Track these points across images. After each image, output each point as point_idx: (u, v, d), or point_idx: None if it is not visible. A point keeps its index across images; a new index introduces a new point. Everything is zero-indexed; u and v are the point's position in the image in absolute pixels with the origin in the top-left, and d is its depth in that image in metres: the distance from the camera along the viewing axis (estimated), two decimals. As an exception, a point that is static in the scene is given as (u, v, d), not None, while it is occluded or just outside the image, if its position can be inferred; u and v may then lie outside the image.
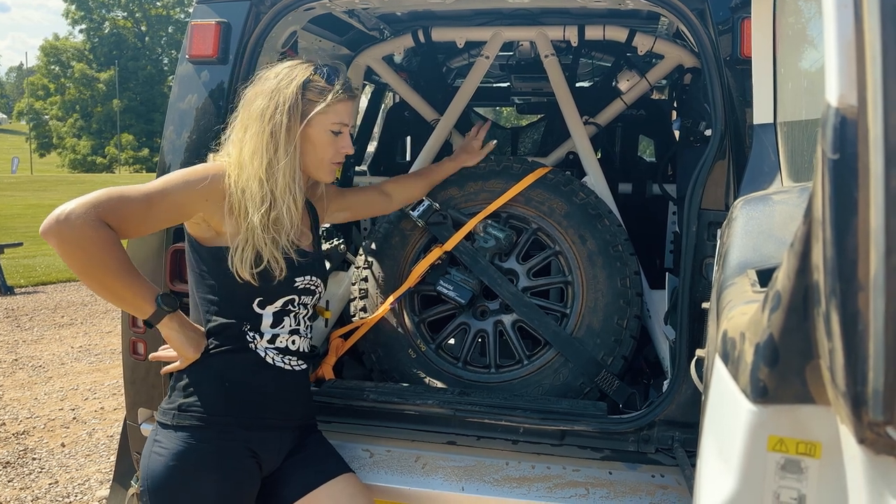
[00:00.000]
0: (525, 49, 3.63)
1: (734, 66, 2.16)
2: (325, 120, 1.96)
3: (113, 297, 1.82)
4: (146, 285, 1.83)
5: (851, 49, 0.69)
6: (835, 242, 0.69)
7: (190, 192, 1.85)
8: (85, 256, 1.71)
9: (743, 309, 0.98)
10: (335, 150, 2.01)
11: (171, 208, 1.84)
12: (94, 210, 1.70)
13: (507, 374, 2.61)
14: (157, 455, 1.88)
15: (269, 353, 1.98)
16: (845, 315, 0.68)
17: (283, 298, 1.99)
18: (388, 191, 2.57)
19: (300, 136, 1.93)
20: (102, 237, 1.70)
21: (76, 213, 1.68)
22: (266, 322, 1.97)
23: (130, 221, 1.78)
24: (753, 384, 0.84)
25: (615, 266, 2.56)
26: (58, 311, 8.54)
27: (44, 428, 4.88)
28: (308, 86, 1.95)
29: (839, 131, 0.69)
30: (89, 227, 1.68)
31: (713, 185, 2.18)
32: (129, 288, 1.79)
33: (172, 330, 1.87)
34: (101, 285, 1.77)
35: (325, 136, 1.98)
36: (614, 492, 2.15)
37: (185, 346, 1.90)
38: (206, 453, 1.88)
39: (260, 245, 1.86)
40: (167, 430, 1.91)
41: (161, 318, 1.84)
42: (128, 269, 1.79)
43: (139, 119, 59.80)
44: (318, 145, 1.98)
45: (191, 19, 2.48)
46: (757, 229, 1.32)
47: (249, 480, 1.95)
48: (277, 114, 1.90)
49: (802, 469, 0.83)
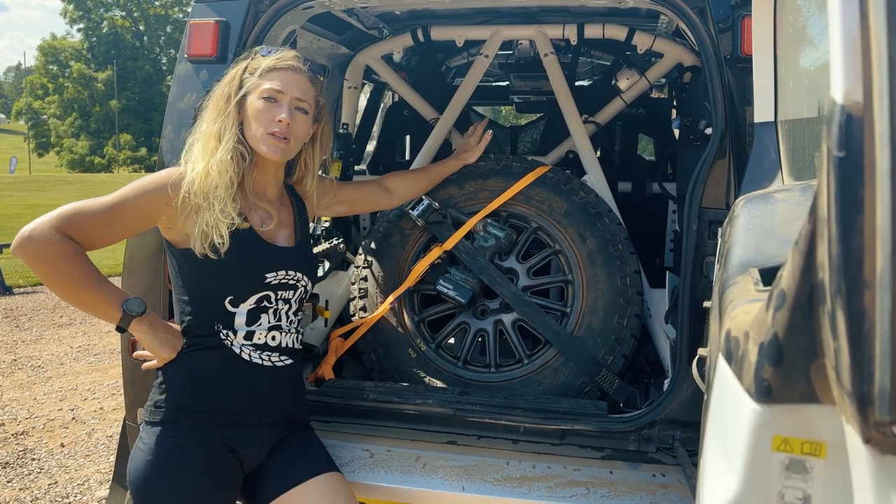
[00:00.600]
0: (524, 48, 3.62)
1: (735, 65, 2.16)
2: (258, 86, 1.98)
3: (81, 305, 1.90)
4: (112, 292, 1.88)
5: (857, 44, 0.68)
6: (840, 241, 0.68)
7: (148, 198, 1.91)
8: (49, 269, 1.80)
9: (746, 308, 0.98)
10: (269, 119, 1.96)
11: (132, 215, 1.91)
12: (56, 226, 1.79)
13: (508, 374, 2.61)
14: (138, 450, 1.93)
15: (245, 349, 1.99)
16: (851, 314, 0.67)
17: (256, 295, 2.00)
18: (389, 186, 2.56)
19: (239, 108, 1.99)
20: (65, 250, 1.79)
21: (38, 230, 1.77)
22: (239, 320, 1.99)
23: (93, 232, 1.85)
24: (758, 383, 0.83)
25: (615, 265, 2.55)
26: (56, 310, 8.53)
27: (43, 428, 4.87)
28: (250, 63, 2.03)
29: (845, 128, 0.68)
30: (50, 242, 1.77)
31: (714, 184, 2.18)
32: (94, 296, 1.85)
33: (143, 333, 1.92)
34: (68, 295, 1.86)
35: (258, 103, 1.97)
36: (615, 491, 2.15)
37: (158, 347, 1.94)
38: (178, 449, 1.92)
39: (204, 212, 1.89)
40: (147, 427, 1.96)
41: (129, 322, 1.89)
42: (91, 278, 1.85)
43: (138, 119, 59.72)
44: (253, 115, 1.98)
45: (189, 18, 2.47)
46: (759, 228, 1.31)
47: (228, 476, 1.96)
48: (217, 93, 2.01)
49: (807, 469, 0.83)
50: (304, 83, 2.03)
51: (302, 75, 2.03)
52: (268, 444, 2.04)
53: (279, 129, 1.97)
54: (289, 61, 2.01)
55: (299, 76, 2.02)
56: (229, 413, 1.97)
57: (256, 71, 1.99)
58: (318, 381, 2.54)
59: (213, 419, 1.95)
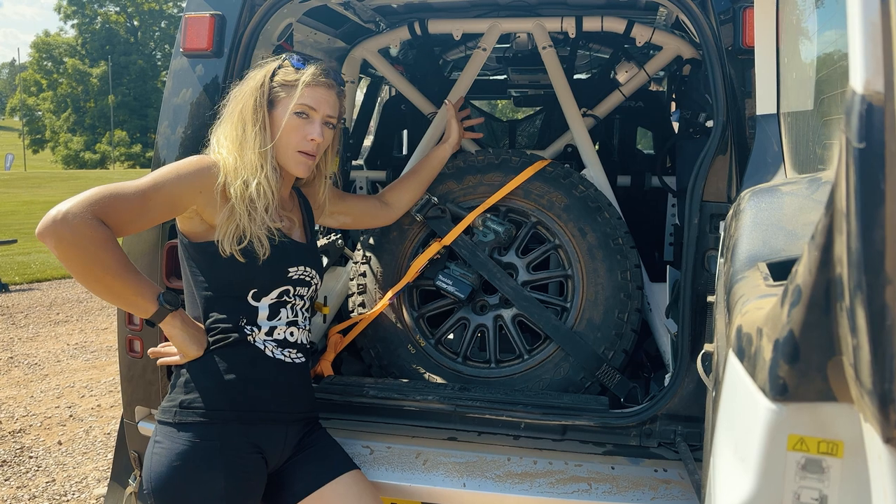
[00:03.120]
0: (522, 41, 3.60)
1: (736, 57, 2.14)
2: (288, 102, 1.95)
3: (114, 297, 1.80)
4: (147, 283, 1.81)
5: (877, 33, 0.66)
6: (861, 235, 0.66)
7: (183, 185, 1.84)
8: (84, 256, 1.67)
9: (758, 303, 0.96)
10: (301, 137, 1.96)
11: (166, 202, 1.82)
12: (91, 208, 1.67)
13: (508, 369, 2.59)
14: (159, 455, 1.86)
15: (268, 345, 1.97)
16: (872, 310, 0.66)
17: (279, 289, 1.98)
18: (387, 201, 2.57)
19: (270, 119, 1.96)
20: (101, 236, 1.67)
21: (73, 213, 1.65)
22: (262, 314, 1.97)
23: (126, 218, 1.75)
24: (773, 381, 0.81)
25: (615, 259, 2.54)
26: (53, 308, 8.50)
27: (40, 426, 4.85)
28: (277, 71, 1.99)
29: (865, 119, 0.66)
30: (87, 225, 1.65)
31: (715, 177, 2.16)
32: (130, 287, 1.76)
33: (175, 328, 1.86)
34: (101, 285, 1.74)
35: (290, 119, 1.95)
36: (617, 486, 2.13)
37: (188, 344, 1.88)
38: (210, 450, 1.86)
39: (241, 221, 1.86)
40: (168, 428, 1.88)
41: (164, 316, 1.83)
42: (128, 268, 1.76)
43: (132, 115, 59.56)
44: (284, 129, 1.95)
45: (185, 12, 2.45)
46: (766, 221, 1.29)
47: (256, 475, 1.93)
48: (246, 96, 1.96)
49: (824, 469, 0.81)
50: (334, 99, 2.02)
51: (333, 91, 2.02)
52: (291, 441, 2.02)
53: (310, 149, 1.98)
54: (323, 78, 1.99)
55: (331, 92, 2.01)
56: (257, 411, 1.94)
57: (290, 85, 1.96)
58: (317, 378, 2.52)
59: (242, 418, 1.91)
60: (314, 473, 2.02)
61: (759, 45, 1.88)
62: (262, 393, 1.95)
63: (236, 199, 1.85)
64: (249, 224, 1.86)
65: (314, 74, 1.97)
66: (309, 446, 2.07)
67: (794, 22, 1.79)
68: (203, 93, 2.40)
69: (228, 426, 1.89)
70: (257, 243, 1.88)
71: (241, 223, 1.86)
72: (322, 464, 2.05)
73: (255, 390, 1.94)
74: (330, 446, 2.12)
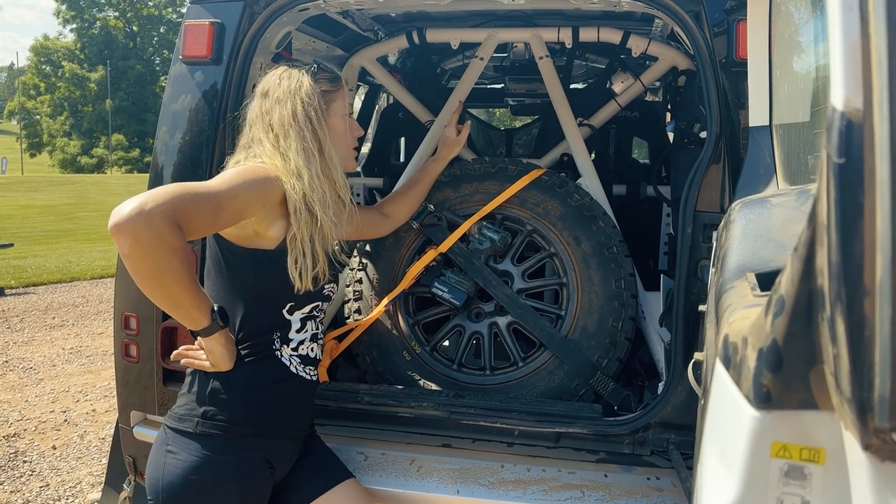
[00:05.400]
0: (519, 50, 3.62)
1: (729, 69, 2.16)
2: (338, 107, 2.04)
3: (172, 306, 1.72)
4: (205, 297, 1.77)
5: (857, 51, 0.68)
6: (840, 247, 0.68)
7: (253, 195, 1.77)
8: (158, 261, 1.57)
9: (744, 313, 0.98)
10: (352, 134, 2.09)
11: (237, 210, 1.75)
12: (174, 209, 1.57)
13: (502, 377, 2.61)
14: (173, 466, 1.82)
15: (293, 361, 1.97)
16: (851, 320, 0.67)
17: (312, 304, 1.98)
18: (386, 212, 2.58)
19: (329, 127, 1.99)
20: (178, 242, 1.58)
21: (157, 213, 1.54)
22: (294, 328, 1.96)
23: (199, 224, 1.67)
24: (756, 389, 0.83)
25: (610, 268, 2.55)
26: (49, 312, 8.49)
27: (35, 430, 4.84)
28: (317, 80, 1.99)
29: (845, 135, 0.68)
30: (168, 229, 1.55)
31: (708, 188, 2.18)
32: (191, 298, 1.70)
33: (219, 344, 1.82)
34: (165, 292, 1.66)
35: (342, 121, 2.05)
36: (610, 494, 2.15)
37: (225, 360, 1.85)
38: (229, 465, 1.85)
39: (318, 248, 1.86)
40: (184, 438, 1.85)
41: (213, 332, 1.78)
42: (193, 278, 1.69)
43: (130, 119, 59.56)
44: (340, 132, 2.04)
45: (184, 19, 2.47)
46: (755, 232, 1.31)
47: (266, 489, 1.94)
48: (309, 111, 1.92)
49: (806, 475, 0.82)
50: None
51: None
52: (296, 454, 2.04)
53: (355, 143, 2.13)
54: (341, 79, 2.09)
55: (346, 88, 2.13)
56: (275, 427, 1.94)
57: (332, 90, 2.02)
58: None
59: (261, 433, 1.90)
60: (311, 484, 2.03)
61: (752, 57, 1.91)
62: (285, 411, 1.96)
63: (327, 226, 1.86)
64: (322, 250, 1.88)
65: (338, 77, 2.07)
66: (306, 456, 2.07)
67: (786, 35, 1.81)
68: (202, 99, 2.41)
69: (247, 442, 1.88)
70: (323, 266, 1.88)
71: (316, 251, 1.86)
72: (319, 474, 2.06)
73: (278, 408, 1.94)
74: (326, 456, 2.13)
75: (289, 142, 1.88)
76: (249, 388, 1.89)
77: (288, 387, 1.96)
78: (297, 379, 1.97)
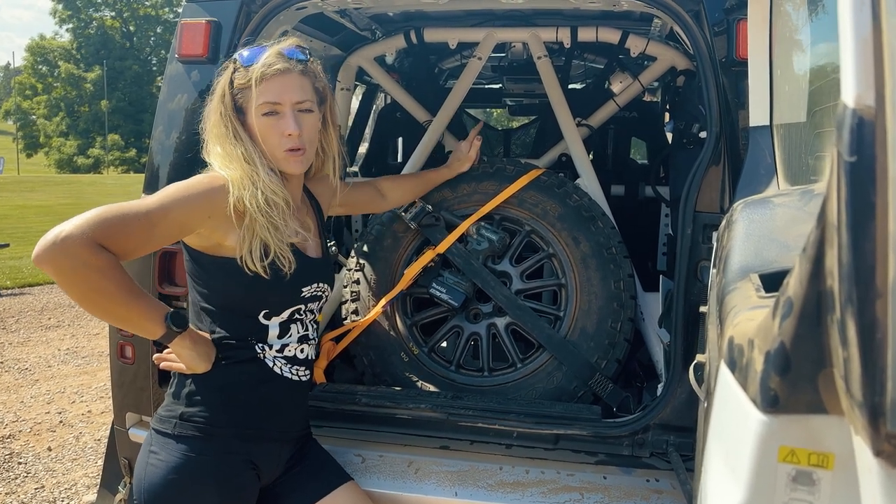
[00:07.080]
0: (518, 50, 3.61)
1: (729, 68, 2.15)
2: (252, 100, 1.81)
3: (119, 322, 1.73)
4: (154, 306, 1.73)
5: (869, 47, 0.67)
6: (851, 247, 0.66)
7: (191, 209, 1.72)
8: (85, 284, 1.58)
9: (749, 315, 0.96)
10: (279, 135, 1.82)
11: (174, 227, 1.72)
12: (92, 233, 1.56)
13: (501, 378, 2.59)
14: (154, 467, 1.81)
15: (278, 362, 1.92)
16: (862, 323, 0.66)
17: (290, 309, 1.92)
18: (383, 190, 2.52)
19: (246, 127, 1.84)
20: (102, 263, 1.57)
21: (72, 238, 1.53)
22: (273, 333, 1.90)
23: (131, 244, 1.65)
24: (764, 393, 0.82)
25: (609, 268, 2.54)
26: (44, 312, 8.46)
27: (30, 431, 4.81)
28: (234, 77, 1.84)
29: (856, 133, 0.67)
30: (87, 252, 1.54)
31: (708, 188, 2.17)
32: (135, 312, 1.68)
33: (185, 348, 1.79)
34: (105, 312, 1.68)
35: (260, 121, 1.81)
36: (609, 496, 2.14)
37: (197, 362, 1.82)
38: (206, 465, 1.82)
39: (263, 234, 1.77)
40: (165, 439, 1.83)
41: (172, 338, 1.76)
42: (132, 292, 1.66)
43: (127, 119, 59.46)
44: (260, 133, 1.83)
45: (180, 18, 2.45)
46: (758, 233, 1.30)
47: (249, 491, 1.90)
48: (212, 112, 1.86)
49: (814, 481, 0.81)
50: (298, 81, 1.84)
51: (294, 74, 1.83)
52: (284, 457, 1.99)
53: (293, 144, 1.83)
54: (275, 66, 1.81)
55: (291, 76, 1.83)
56: (259, 429, 1.90)
57: (245, 85, 1.82)
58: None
59: (242, 435, 1.87)
60: (309, 488, 2.00)
61: (752, 57, 1.89)
62: (268, 413, 1.92)
63: (254, 212, 1.75)
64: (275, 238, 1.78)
65: (264, 66, 1.80)
66: (302, 460, 2.04)
67: (786, 35, 1.80)
68: (198, 98, 2.39)
69: (227, 443, 1.85)
70: (282, 257, 1.80)
71: (263, 236, 1.77)
72: (317, 478, 2.03)
73: (261, 410, 1.91)
74: (323, 459, 2.10)
75: (215, 147, 1.84)
76: (229, 389, 1.86)
77: (272, 388, 1.92)
78: (282, 380, 1.93)
